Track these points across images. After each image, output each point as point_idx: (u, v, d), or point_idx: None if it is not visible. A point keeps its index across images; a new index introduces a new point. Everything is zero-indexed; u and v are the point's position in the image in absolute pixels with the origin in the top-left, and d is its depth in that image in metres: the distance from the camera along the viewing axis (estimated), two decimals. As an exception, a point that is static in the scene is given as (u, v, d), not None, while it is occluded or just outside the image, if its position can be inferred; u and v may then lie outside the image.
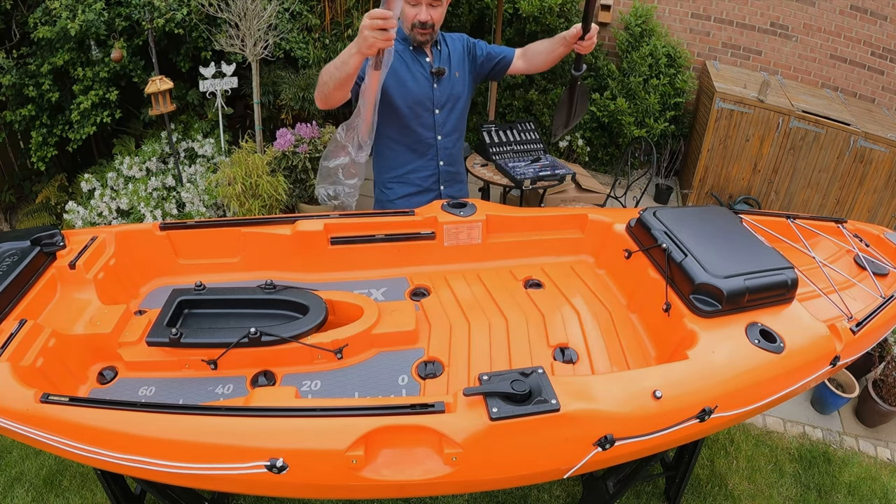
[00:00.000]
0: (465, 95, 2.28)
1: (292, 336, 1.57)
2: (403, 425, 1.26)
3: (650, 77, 4.86)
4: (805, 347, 1.57)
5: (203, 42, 3.85)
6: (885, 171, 4.11)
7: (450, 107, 2.24)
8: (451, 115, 2.25)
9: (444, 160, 2.31)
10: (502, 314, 1.82)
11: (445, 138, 2.27)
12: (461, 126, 2.33)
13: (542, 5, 4.66)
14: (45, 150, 3.68)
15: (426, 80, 2.17)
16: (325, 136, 3.89)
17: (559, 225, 2.12)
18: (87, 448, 1.32)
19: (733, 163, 4.49)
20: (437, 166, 2.31)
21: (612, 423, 1.32)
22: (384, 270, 2.03)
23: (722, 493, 2.45)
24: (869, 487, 2.56)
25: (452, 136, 2.30)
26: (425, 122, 2.22)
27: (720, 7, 4.95)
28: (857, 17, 4.68)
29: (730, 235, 1.77)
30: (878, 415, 2.86)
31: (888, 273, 2.02)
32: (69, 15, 3.25)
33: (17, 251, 1.70)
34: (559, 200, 4.03)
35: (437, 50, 2.20)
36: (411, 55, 2.15)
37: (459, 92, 2.25)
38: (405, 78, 2.14)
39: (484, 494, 2.36)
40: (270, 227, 1.96)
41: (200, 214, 3.67)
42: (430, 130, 2.24)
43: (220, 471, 1.27)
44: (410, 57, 2.15)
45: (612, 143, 5.23)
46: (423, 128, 2.23)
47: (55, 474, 2.38)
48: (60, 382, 1.53)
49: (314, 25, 4.70)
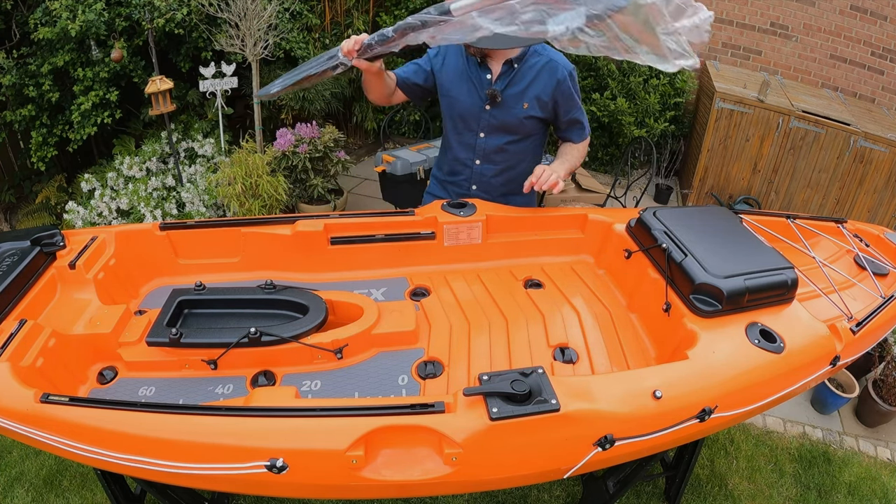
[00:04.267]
0: (527, 133, 2.03)
1: (292, 336, 1.57)
2: (403, 425, 1.26)
3: (650, 77, 4.86)
4: (805, 347, 1.57)
5: (203, 42, 3.86)
6: (885, 171, 4.11)
7: (500, 136, 2.02)
8: (501, 145, 2.03)
9: (478, 186, 2.14)
10: (502, 314, 1.82)
11: (484, 165, 2.09)
12: (514, 161, 2.09)
13: (542, 5, 4.66)
14: (45, 150, 3.68)
15: (479, 98, 1.98)
16: (324, 135, 3.89)
17: (559, 225, 2.12)
18: (87, 448, 1.32)
19: (733, 163, 4.48)
20: (468, 190, 2.16)
21: (612, 423, 1.32)
22: (384, 270, 2.03)
23: (722, 493, 2.45)
24: (869, 487, 2.56)
25: (495, 167, 2.09)
26: (465, 141, 2.08)
27: (720, 7, 4.95)
28: (857, 17, 4.68)
29: (730, 235, 1.77)
30: (878, 415, 2.86)
31: (888, 273, 2.02)
32: (69, 16, 3.25)
33: (17, 251, 1.70)
34: (559, 200, 4.03)
35: (512, 70, 1.93)
36: (476, 66, 1.97)
37: (515, 125, 1.99)
38: (457, 87, 2.00)
39: (484, 494, 2.36)
40: (270, 227, 1.96)
41: (200, 214, 3.67)
42: (468, 151, 2.09)
43: (220, 471, 1.27)
44: (474, 68, 1.97)
45: (612, 143, 5.23)
46: (462, 147, 2.09)
47: (55, 474, 2.37)
48: (60, 382, 1.53)
49: (314, 25, 4.70)
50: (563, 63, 1.95)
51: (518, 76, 1.95)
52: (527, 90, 1.96)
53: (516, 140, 2.05)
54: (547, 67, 1.94)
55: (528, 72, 1.95)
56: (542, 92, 1.96)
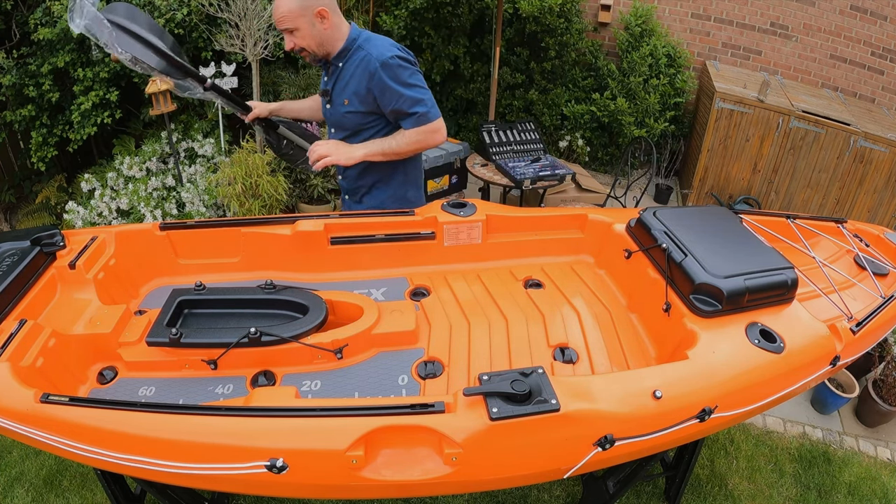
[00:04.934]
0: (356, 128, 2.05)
1: (292, 336, 1.57)
2: (403, 425, 1.26)
3: (650, 77, 4.86)
4: (805, 347, 1.57)
5: (203, 42, 3.85)
6: (885, 171, 4.11)
7: (338, 132, 2.10)
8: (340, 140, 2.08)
9: (341, 174, 2.22)
10: (502, 314, 1.82)
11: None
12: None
13: (542, 5, 4.66)
14: (45, 151, 3.68)
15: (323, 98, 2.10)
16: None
17: (559, 225, 2.12)
18: (87, 448, 1.32)
19: (733, 163, 4.48)
20: (342, 183, 2.26)
21: (612, 423, 1.32)
22: (384, 270, 2.03)
23: (722, 493, 2.45)
24: (869, 487, 2.55)
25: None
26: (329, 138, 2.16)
27: (720, 7, 4.95)
28: (857, 17, 4.68)
29: (730, 235, 1.77)
30: (878, 415, 2.86)
31: (888, 273, 2.02)
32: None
33: (17, 251, 1.70)
34: (559, 200, 4.03)
35: (338, 68, 2.00)
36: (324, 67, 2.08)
37: (342, 121, 2.05)
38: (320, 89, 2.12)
39: (484, 494, 2.36)
40: (270, 227, 1.96)
41: (200, 214, 3.67)
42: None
43: (220, 471, 1.27)
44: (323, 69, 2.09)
45: (612, 143, 5.23)
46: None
47: (55, 474, 2.37)
48: (60, 382, 1.53)
49: (314, 25, 4.70)
50: (376, 55, 1.90)
51: (342, 74, 1.99)
52: (346, 87, 1.99)
53: (348, 136, 2.08)
54: (363, 62, 1.93)
55: (349, 69, 1.97)
56: (359, 87, 1.96)
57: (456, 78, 5.23)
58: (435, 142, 2.02)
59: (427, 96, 1.97)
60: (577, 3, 4.81)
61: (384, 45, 1.94)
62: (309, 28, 1.88)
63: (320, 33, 1.91)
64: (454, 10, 4.87)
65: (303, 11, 1.85)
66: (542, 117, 5.16)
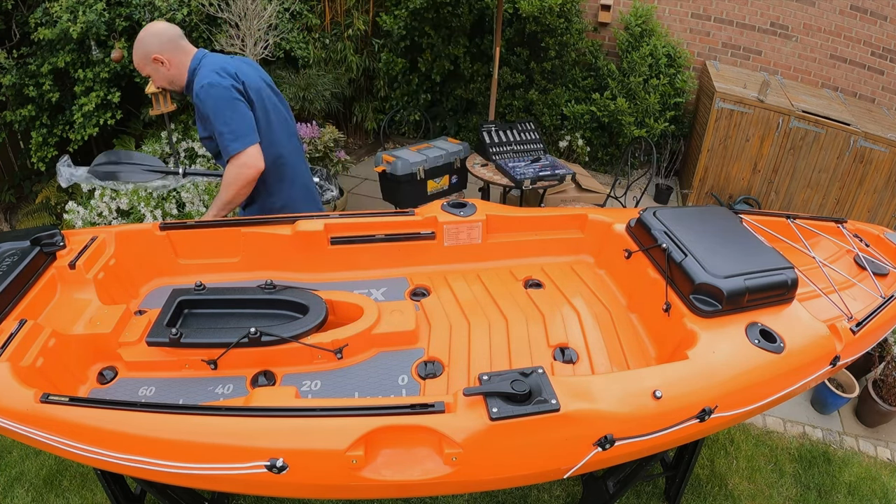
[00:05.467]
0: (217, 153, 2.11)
1: (292, 336, 1.57)
2: (403, 425, 1.26)
3: (650, 77, 4.86)
4: (805, 347, 1.57)
5: (203, 42, 3.85)
6: (885, 171, 4.11)
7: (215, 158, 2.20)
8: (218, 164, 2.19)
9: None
10: (502, 314, 1.82)
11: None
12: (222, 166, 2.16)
13: (542, 5, 4.66)
14: (45, 151, 3.68)
15: None
16: (324, 135, 3.89)
17: (559, 225, 2.12)
18: (87, 448, 1.32)
19: (733, 163, 4.48)
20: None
21: (612, 423, 1.32)
22: (384, 270, 2.03)
23: (722, 493, 2.45)
24: (869, 487, 2.55)
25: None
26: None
27: (720, 7, 4.95)
28: (857, 17, 4.68)
29: (730, 235, 1.77)
30: (878, 415, 2.86)
31: (888, 273, 2.02)
32: (70, 17, 3.25)
33: (17, 251, 1.70)
34: (559, 200, 4.03)
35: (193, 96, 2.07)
36: None
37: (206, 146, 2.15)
38: None
39: (484, 494, 2.36)
40: (270, 227, 1.96)
41: (200, 214, 3.67)
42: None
43: (220, 471, 1.27)
44: None
45: (612, 143, 5.23)
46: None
47: (55, 474, 2.37)
48: (60, 382, 1.53)
49: (314, 25, 4.71)
50: (197, 80, 1.99)
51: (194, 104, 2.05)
52: (196, 115, 2.10)
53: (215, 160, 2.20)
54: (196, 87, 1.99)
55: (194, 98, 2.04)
56: (198, 115, 2.07)
57: (456, 78, 5.24)
58: (246, 177, 2.01)
59: (233, 125, 1.96)
60: (577, 3, 4.81)
61: (205, 72, 1.98)
62: (155, 72, 2.03)
63: (165, 75, 2.04)
64: (454, 10, 4.87)
65: (145, 61, 2.01)
66: (542, 117, 5.16)
